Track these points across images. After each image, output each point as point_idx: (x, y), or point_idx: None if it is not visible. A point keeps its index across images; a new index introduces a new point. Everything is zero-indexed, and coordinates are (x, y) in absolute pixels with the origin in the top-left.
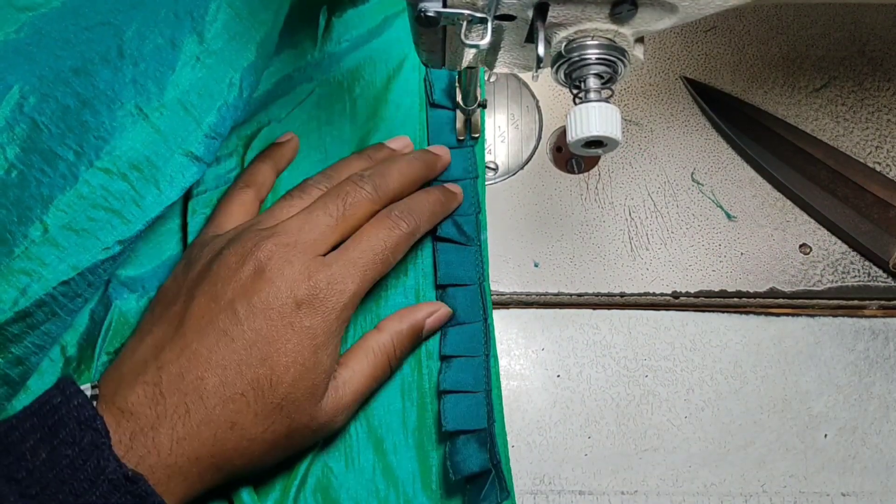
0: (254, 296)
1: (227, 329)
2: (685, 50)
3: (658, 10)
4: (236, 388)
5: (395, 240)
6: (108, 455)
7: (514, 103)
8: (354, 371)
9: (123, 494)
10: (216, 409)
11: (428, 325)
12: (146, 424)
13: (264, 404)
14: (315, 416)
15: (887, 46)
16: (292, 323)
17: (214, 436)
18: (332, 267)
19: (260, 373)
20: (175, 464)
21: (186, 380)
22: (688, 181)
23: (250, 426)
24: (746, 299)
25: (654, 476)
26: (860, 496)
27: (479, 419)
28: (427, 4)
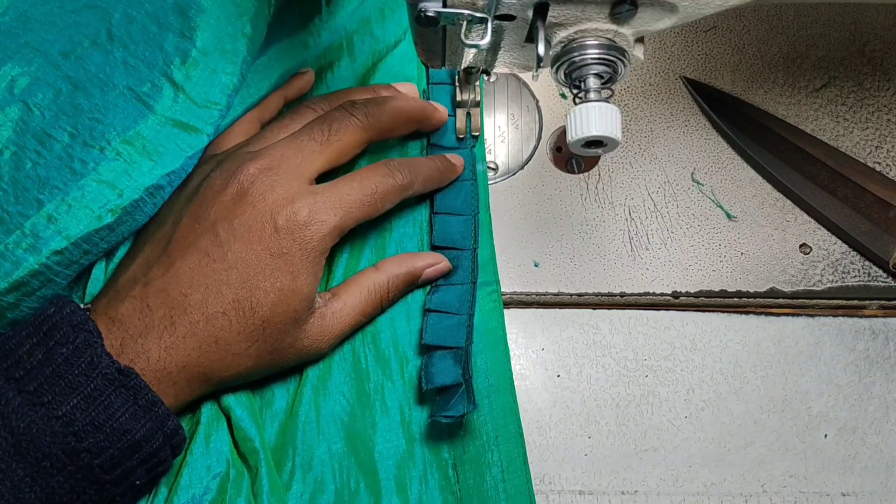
0: (235, 218)
1: (208, 250)
2: (685, 50)
3: (658, 10)
4: (218, 307)
5: (387, 187)
6: (101, 352)
7: (514, 103)
8: (346, 304)
9: (117, 388)
10: (199, 324)
11: (426, 275)
12: (135, 333)
13: (246, 324)
14: (298, 339)
15: (887, 46)
16: (270, 248)
17: (200, 348)
18: (317, 197)
19: (240, 294)
20: (164, 369)
21: (171, 295)
22: (688, 181)
23: (234, 342)
24: (746, 299)
25: (654, 476)
26: (860, 496)
27: (457, 338)
28: (427, 4)
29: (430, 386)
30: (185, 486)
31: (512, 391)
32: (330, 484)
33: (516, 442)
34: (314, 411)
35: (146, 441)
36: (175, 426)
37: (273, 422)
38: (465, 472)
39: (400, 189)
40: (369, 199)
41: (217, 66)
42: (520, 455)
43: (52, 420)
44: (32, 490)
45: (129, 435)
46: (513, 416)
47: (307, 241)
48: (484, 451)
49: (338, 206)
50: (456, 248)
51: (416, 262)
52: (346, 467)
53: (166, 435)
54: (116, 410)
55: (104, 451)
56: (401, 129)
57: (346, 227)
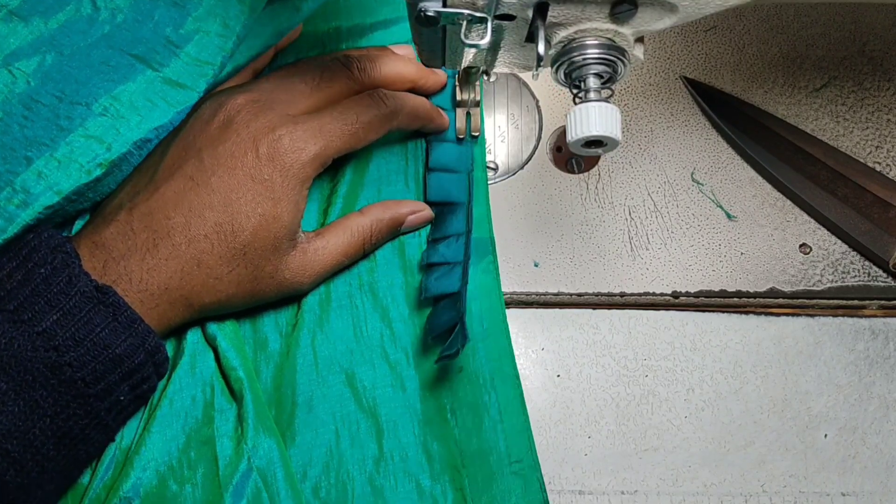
0: (220, 145)
1: (193, 175)
2: (685, 50)
3: (658, 10)
4: (200, 230)
5: (370, 117)
6: (79, 271)
7: (514, 103)
8: (329, 243)
9: (96, 305)
10: (182, 247)
11: (408, 222)
12: (118, 255)
13: (227, 248)
14: (279, 269)
15: (887, 46)
16: (252, 174)
17: (182, 270)
18: (298, 126)
19: (222, 218)
20: (146, 290)
21: (155, 218)
22: (688, 181)
23: (215, 266)
24: (746, 299)
25: (654, 476)
26: (860, 496)
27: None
28: (427, 4)
29: (433, 334)
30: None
31: (506, 334)
32: (330, 424)
33: (512, 383)
34: (312, 354)
35: (127, 356)
36: (156, 344)
37: (268, 364)
38: (463, 415)
39: (384, 119)
40: (350, 129)
41: (211, 29)
42: (517, 396)
43: (32, 336)
44: (16, 403)
45: (110, 350)
46: (508, 357)
47: (288, 167)
48: (481, 393)
49: (318, 135)
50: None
51: (399, 209)
52: (346, 408)
53: (148, 352)
54: (96, 326)
55: (86, 365)
56: (393, 87)
57: (327, 156)
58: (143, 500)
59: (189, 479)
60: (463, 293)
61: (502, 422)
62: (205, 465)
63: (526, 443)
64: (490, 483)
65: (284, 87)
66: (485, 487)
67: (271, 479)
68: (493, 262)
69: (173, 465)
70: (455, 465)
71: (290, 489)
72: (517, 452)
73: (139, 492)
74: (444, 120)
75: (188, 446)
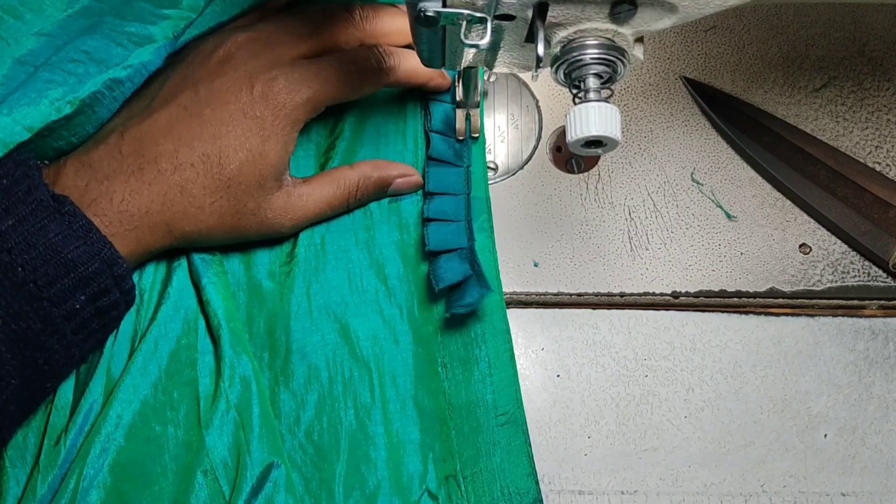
0: (216, 79)
1: (187, 105)
2: (685, 50)
3: (658, 10)
4: (187, 158)
5: (366, 68)
6: (38, 183)
7: (514, 103)
8: (314, 190)
9: (51, 213)
10: (167, 173)
11: (396, 184)
12: (102, 175)
13: (212, 178)
14: (262, 206)
15: (887, 46)
16: (244, 110)
17: (164, 195)
18: (294, 69)
19: (210, 149)
20: (126, 210)
21: (144, 143)
22: (688, 181)
23: (198, 195)
24: (746, 299)
25: (654, 476)
26: (860, 496)
27: (459, 240)
28: (427, 4)
29: (443, 285)
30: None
31: (499, 290)
32: (324, 370)
33: (503, 338)
34: (307, 302)
35: (81, 263)
36: (113, 255)
37: (261, 309)
38: (453, 368)
39: (380, 71)
40: (346, 78)
41: None
42: (506, 350)
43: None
44: None
45: (62, 254)
46: (499, 313)
47: (280, 107)
48: (472, 347)
49: (313, 79)
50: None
51: (389, 170)
52: (340, 357)
53: (104, 261)
54: (49, 232)
55: (38, 269)
56: (395, 42)
57: (320, 101)
58: (125, 438)
59: (171, 419)
60: (472, 248)
61: (491, 375)
62: (186, 405)
63: (513, 395)
64: (476, 434)
65: (286, 28)
66: (471, 439)
67: (247, 418)
68: (489, 220)
69: (156, 406)
70: (443, 418)
71: (265, 427)
72: (504, 405)
73: (122, 430)
74: (445, 80)
75: (171, 386)
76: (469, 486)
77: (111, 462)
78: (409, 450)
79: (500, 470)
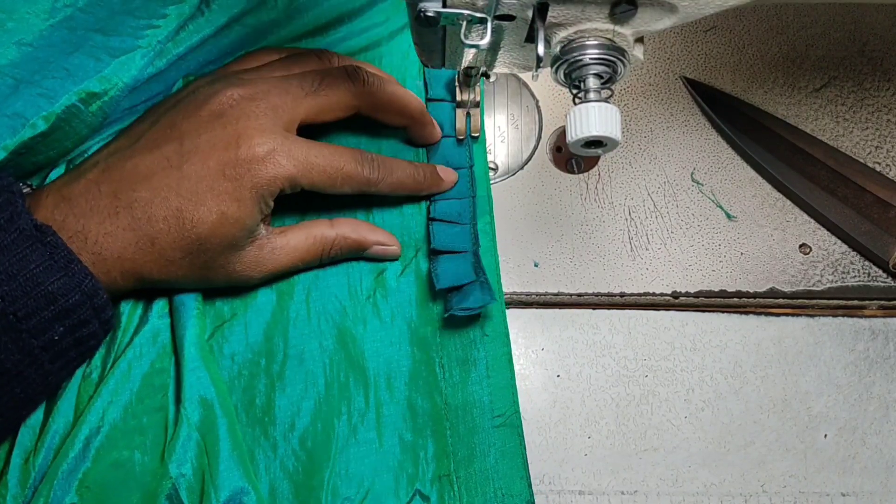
0: (203, 133)
1: (169, 156)
2: (685, 50)
3: (658, 10)
4: (161, 211)
5: (352, 172)
6: (21, 210)
7: (514, 103)
8: (289, 244)
9: (34, 243)
10: (140, 222)
11: (373, 250)
12: (79, 212)
13: (182, 236)
14: (231, 263)
15: (887, 46)
16: (225, 170)
17: (136, 244)
18: (285, 142)
19: (185, 206)
20: (99, 254)
21: (122, 186)
22: (688, 181)
23: (168, 249)
24: (746, 299)
25: (654, 476)
26: (860, 496)
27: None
28: (427, 4)
29: (444, 285)
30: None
31: (500, 294)
32: (321, 377)
33: (502, 341)
34: (305, 309)
35: (61, 294)
36: (94, 287)
37: (259, 316)
38: (451, 368)
39: (364, 181)
40: (331, 173)
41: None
42: (505, 353)
43: None
44: None
45: (43, 286)
46: (499, 315)
47: (259, 175)
48: (470, 349)
49: (300, 160)
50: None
51: (368, 235)
52: (337, 362)
53: (84, 293)
54: (30, 263)
55: (18, 300)
56: (391, 116)
57: (299, 184)
58: (93, 460)
59: (139, 444)
60: (476, 252)
61: (489, 377)
62: (154, 431)
63: (510, 398)
64: (471, 435)
65: (282, 87)
66: (466, 439)
67: (212, 441)
68: (491, 223)
69: (125, 430)
70: (439, 418)
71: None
72: (501, 407)
73: (90, 452)
74: (444, 185)
75: (141, 411)
76: (462, 487)
77: (78, 484)
78: (399, 452)
79: (495, 471)
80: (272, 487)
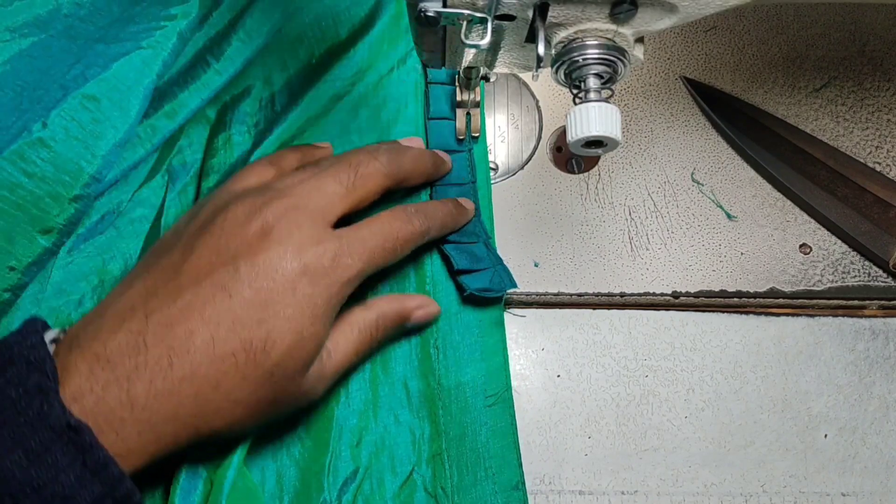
0: (259, 254)
1: (226, 284)
2: (685, 50)
3: (658, 10)
4: (227, 347)
5: (408, 234)
6: (53, 400)
7: (514, 103)
8: (339, 345)
9: (65, 444)
10: (202, 367)
11: (415, 318)
12: (122, 375)
13: (254, 367)
14: (301, 386)
15: (887, 46)
16: (294, 288)
17: (196, 394)
18: (342, 240)
19: (255, 334)
20: (149, 420)
21: (175, 331)
22: (688, 181)
23: (236, 388)
24: (746, 299)
25: (654, 476)
26: (860, 496)
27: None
28: (427, 4)
29: (461, 267)
30: None
31: None
32: None
33: (498, 328)
34: None
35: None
36: (128, 490)
37: None
38: (446, 350)
39: (419, 235)
40: (391, 245)
41: None
42: (500, 339)
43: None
44: None
45: (71, 502)
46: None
47: (332, 284)
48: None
49: (361, 252)
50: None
51: (406, 303)
52: None
53: (115, 500)
54: (60, 472)
55: None
56: (416, 179)
57: (367, 273)
58: None
59: None
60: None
61: (483, 361)
62: None
63: (503, 380)
64: (464, 414)
65: (320, 189)
66: (458, 419)
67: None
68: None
69: None
70: (432, 398)
71: None
72: (493, 388)
73: None
74: (469, 214)
75: None
76: (454, 466)
77: None
78: (395, 433)
79: (486, 450)
80: (279, 474)
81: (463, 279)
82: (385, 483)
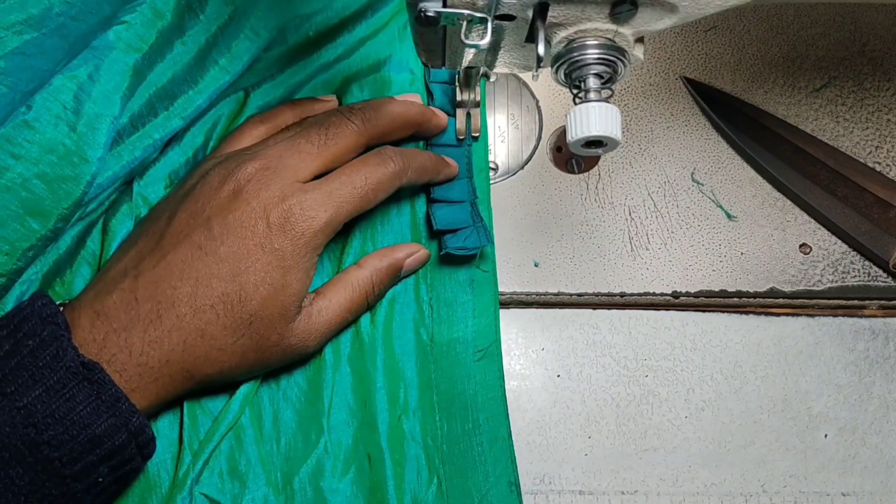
0: (229, 214)
1: (201, 244)
2: (685, 50)
3: (658, 10)
4: (206, 300)
5: (379, 177)
6: (67, 345)
7: (514, 103)
8: (331, 301)
9: (80, 381)
10: (186, 317)
11: (406, 265)
12: (119, 326)
13: (233, 318)
14: (285, 336)
15: (887, 46)
16: (262, 244)
17: (185, 342)
18: (308, 194)
19: (229, 288)
20: (146, 364)
21: (160, 288)
22: (688, 181)
23: (220, 336)
24: (746, 299)
25: (654, 476)
26: (860, 496)
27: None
28: (427, 4)
29: (440, 227)
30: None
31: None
32: None
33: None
34: None
35: (108, 437)
36: (140, 424)
37: None
38: (438, 308)
39: (392, 176)
40: (360, 192)
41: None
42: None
43: (12, 411)
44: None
45: (90, 429)
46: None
47: (298, 236)
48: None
49: (328, 202)
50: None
51: (395, 254)
52: None
53: (130, 432)
54: (78, 404)
55: (64, 445)
56: (398, 133)
57: (338, 223)
58: None
59: None
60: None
61: (475, 318)
62: None
63: (492, 335)
64: (453, 368)
65: (291, 150)
66: (448, 372)
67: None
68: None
69: None
70: (424, 351)
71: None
72: (483, 342)
73: None
74: (453, 169)
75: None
76: (443, 417)
77: None
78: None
79: (473, 403)
80: (276, 417)
81: (445, 238)
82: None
